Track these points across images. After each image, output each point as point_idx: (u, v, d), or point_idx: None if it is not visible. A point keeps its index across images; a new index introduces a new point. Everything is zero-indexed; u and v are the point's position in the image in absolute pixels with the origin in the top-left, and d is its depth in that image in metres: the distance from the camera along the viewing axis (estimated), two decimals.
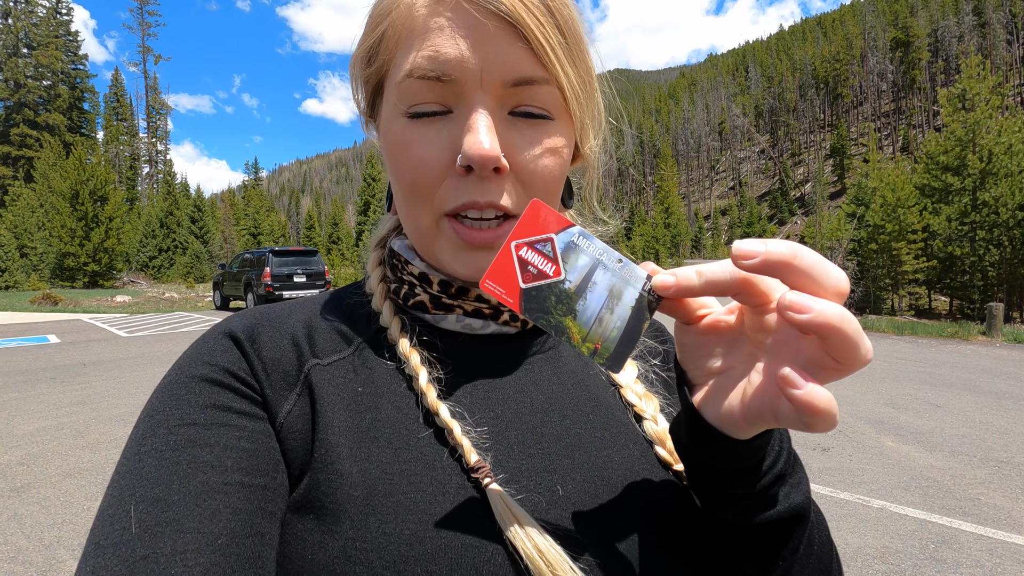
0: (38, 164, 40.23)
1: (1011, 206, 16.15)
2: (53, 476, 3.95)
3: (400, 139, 0.43)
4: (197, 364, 0.41)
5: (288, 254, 15.22)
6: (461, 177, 0.41)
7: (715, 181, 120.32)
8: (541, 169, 0.43)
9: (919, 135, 78.13)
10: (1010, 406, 5.66)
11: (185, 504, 0.34)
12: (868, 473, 3.97)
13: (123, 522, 0.34)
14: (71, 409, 5.66)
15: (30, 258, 30.23)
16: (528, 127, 0.43)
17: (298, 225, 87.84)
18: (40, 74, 49.53)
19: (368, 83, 0.48)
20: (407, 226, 0.46)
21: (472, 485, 0.39)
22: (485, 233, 0.43)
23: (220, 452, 0.37)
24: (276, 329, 0.45)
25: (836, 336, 0.27)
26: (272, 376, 0.42)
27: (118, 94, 56.75)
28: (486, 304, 0.47)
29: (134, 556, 0.32)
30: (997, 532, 3.10)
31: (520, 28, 0.40)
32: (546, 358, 0.50)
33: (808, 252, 0.29)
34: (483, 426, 0.43)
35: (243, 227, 42.77)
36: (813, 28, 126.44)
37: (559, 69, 0.41)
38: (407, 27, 0.42)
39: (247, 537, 0.35)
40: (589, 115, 0.46)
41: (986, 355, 8.70)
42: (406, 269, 0.48)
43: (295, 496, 0.39)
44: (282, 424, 0.41)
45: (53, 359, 8.61)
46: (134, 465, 0.37)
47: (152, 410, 0.40)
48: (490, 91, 0.41)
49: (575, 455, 0.44)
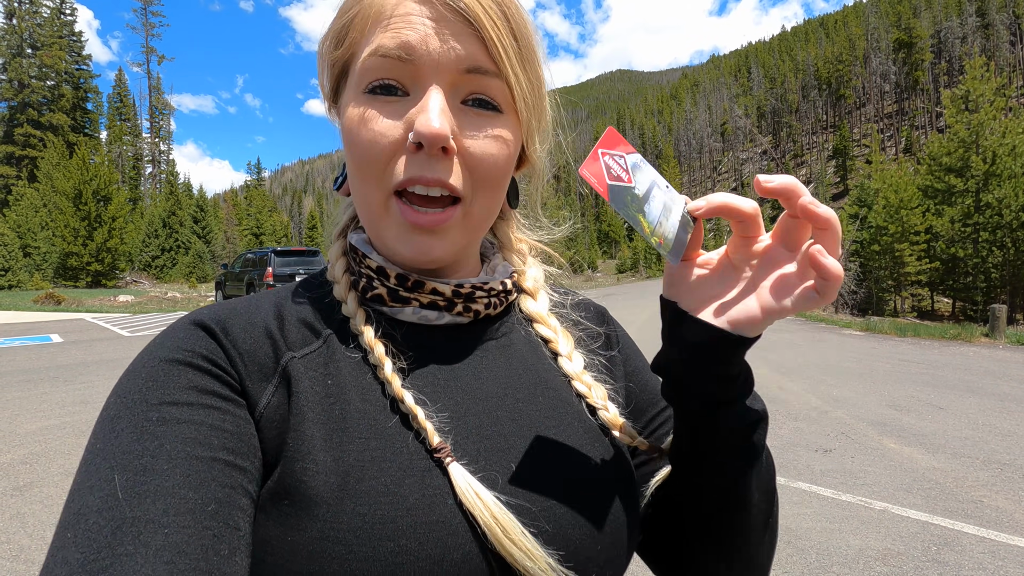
0: (42, 164, 40.36)
1: (1015, 207, 16.11)
2: (56, 475, 3.96)
3: (358, 114, 0.45)
4: (171, 350, 0.42)
5: (290, 254, 15.24)
6: (412, 154, 0.44)
7: (717, 182, 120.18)
8: (487, 155, 0.46)
9: (922, 136, 77.97)
10: (1013, 408, 5.64)
11: (172, 473, 0.35)
12: (870, 475, 3.96)
13: (106, 489, 0.34)
14: (74, 408, 5.68)
15: (33, 258, 30.33)
16: (477, 116, 0.46)
17: (300, 225, 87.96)
18: (44, 74, 49.70)
19: (334, 67, 0.50)
20: (358, 203, 0.48)
21: (436, 465, 0.42)
22: (430, 216, 0.45)
23: (206, 431, 0.38)
24: (247, 321, 0.46)
25: (831, 229, 0.38)
26: (249, 367, 0.43)
27: (121, 94, 56.92)
28: (440, 296, 0.50)
29: (122, 517, 0.33)
30: (1000, 534, 3.09)
31: (477, 26, 0.44)
32: (498, 346, 0.53)
33: (802, 186, 0.39)
34: (444, 412, 0.46)
35: (245, 227, 42.86)
36: (816, 29, 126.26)
37: (509, 67, 0.45)
38: (376, 13, 0.45)
39: (232, 509, 0.36)
40: (536, 118, 0.50)
41: (989, 357, 8.67)
42: (364, 263, 0.50)
43: (269, 485, 0.40)
44: (261, 415, 0.42)
45: (56, 358, 8.63)
46: (111, 440, 0.37)
47: (125, 390, 0.40)
48: (445, 76, 0.44)
49: (527, 435, 0.48)
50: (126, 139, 56.18)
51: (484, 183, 0.46)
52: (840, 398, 6.09)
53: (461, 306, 0.50)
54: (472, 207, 0.47)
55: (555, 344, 0.56)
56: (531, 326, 0.57)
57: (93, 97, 54.87)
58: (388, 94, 0.45)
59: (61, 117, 49.23)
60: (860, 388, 6.56)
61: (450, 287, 0.50)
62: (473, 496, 0.41)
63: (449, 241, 0.47)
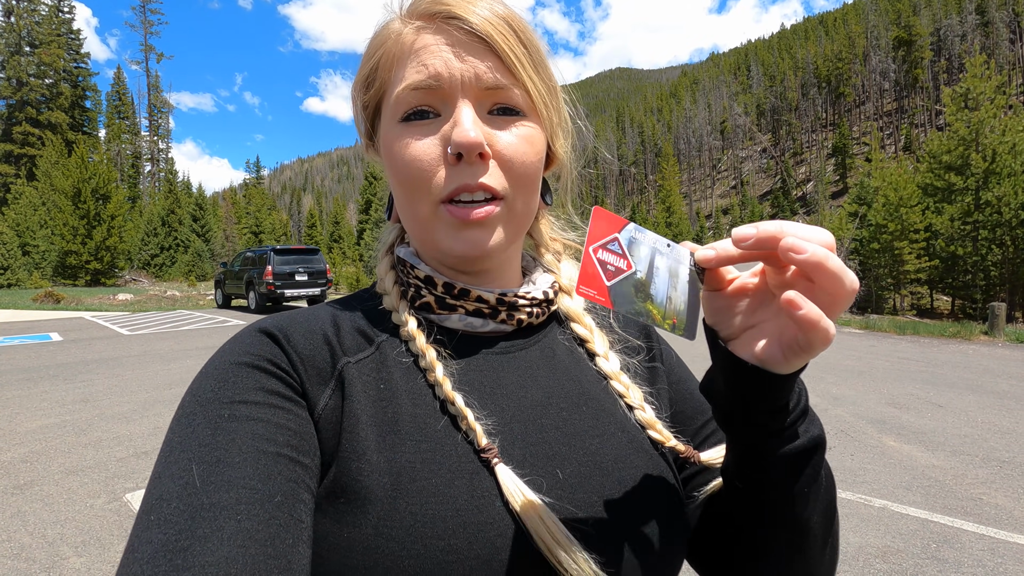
0: (40, 162, 40.28)
1: (1014, 205, 16.11)
2: (56, 473, 3.96)
3: (398, 141, 0.49)
4: (240, 354, 0.45)
5: (290, 252, 15.22)
6: (453, 166, 0.48)
7: (717, 180, 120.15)
8: (519, 154, 0.49)
9: (921, 134, 77.95)
10: (1012, 406, 5.65)
11: (244, 465, 0.38)
12: (870, 472, 3.97)
13: (185, 478, 0.37)
14: (73, 407, 5.68)
15: (32, 256, 30.28)
16: (504, 121, 0.49)
17: (299, 224, 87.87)
18: (42, 72, 49.57)
19: (368, 108, 0.55)
20: (407, 220, 0.52)
21: (484, 466, 0.45)
22: (478, 210, 0.48)
23: (272, 428, 0.41)
24: (307, 329, 0.49)
25: (822, 270, 0.34)
26: (309, 371, 0.46)
27: (120, 92, 56.78)
28: (485, 304, 0.52)
29: (200, 504, 0.36)
30: (999, 532, 3.09)
31: (491, 44, 0.48)
32: (542, 355, 0.55)
33: (790, 224, 0.36)
34: (492, 417, 0.48)
35: (245, 225, 42.80)
36: (815, 27, 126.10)
37: (525, 75, 0.49)
38: (398, 52, 0.50)
39: (296, 502, 0.39)
40: (556, 116, 0.54)
41: (988, 355, 8.68)
42: (412, 273, 0.54)
43: (325, 483, 0.43)
44: (319, 416, 0.45)
45: (56, 357, 8.63)
46: (188, 434, 0.40)
47: (200, 389, 0.43)
48: (470, 94, 0.48)
49: (571, 443, 0.49)
50: (125, 137, 56.05)
51: (520, 180, 0.50)
52: (840, 396, 6.10)
53: (505, 314, 0.53)
54: (514, 203, 0.50)
55: (591, 344, 0.58)
56: (568, 325, 0.60)
57: (92, 95, 54.74)
58: (422, 118, 0.49)
59: (60, 115, 49.12)
60: (859, 386, 6.57)
61: (494, 295, 0.53)
62: (521, 498, 0.43)
63: (497, 233, 0.50)
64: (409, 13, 0.50)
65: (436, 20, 0.49)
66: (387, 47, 0.51)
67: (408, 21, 0.50)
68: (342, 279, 26.49)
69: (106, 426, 5.04)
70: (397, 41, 0.50)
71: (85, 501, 3.52)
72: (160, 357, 8.57)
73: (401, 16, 0.51)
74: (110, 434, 4.81)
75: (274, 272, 14.57)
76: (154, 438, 4.71)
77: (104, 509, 3.41)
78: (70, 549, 2.94)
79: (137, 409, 5.59)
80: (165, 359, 8.40)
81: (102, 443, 4.59)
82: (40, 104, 49.37)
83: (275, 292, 14.60)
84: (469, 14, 0.47)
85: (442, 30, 0.48)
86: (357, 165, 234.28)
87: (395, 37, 0.50)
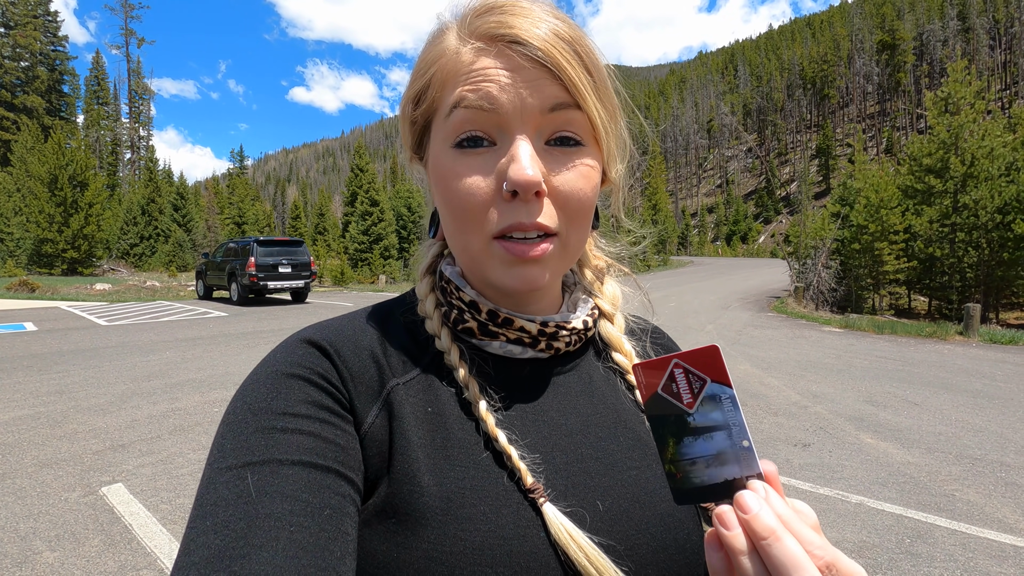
0: (15, 147, 39.17)
1: (990, 209, 16.46)
2: (29, 466, 3.88)
3: (450, 169, 0.47)
4: (290, 365, 0.45)
5: (273, 244, 15.03)
6: (507, 202, 0.46)
7: (702, 179, 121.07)
8: (576, 191, 0.48)
9: (903, 137, 79.26)
10: (985, 404, 5.79)
11: (296, 477, 0.39)
12: (847, 469, 4.04)
13: (240, 486, 0.38)
14: (48, 398, 5.56)
15: (6, 244, 29.52)
16: (562, 154, 0.47)
17: (284, 215, 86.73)
18: (18, 55, 48.19)
19: (416, 124, 0.53)
20: (457, 250, 0.51)
21: (529, 503, 0.45)
22: (533, 248, 0.47)
23: (321, 442, 0.42)
24: (356, 344, 0.49)
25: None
26: (359, 387, 0.47)
27: (99, 77, 55.44)
28: (527, 334, 0.52)
29: (255, 512, 0.37)
30: (971, 527, 3.17)
31: (555, 70, 0.45)
32: (579, 382, 0.55)
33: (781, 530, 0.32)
34: (534, 447, 0.48)
35: (227, 216, 42.13)
36: (802, 28, 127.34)
37: (588, 105, 0.47)
38: (453, 70, 0.48)
39: (343, 516, 0.40)
40: (615, 143, 0.52)
41: (963, 355, 8.88)
42: (457, 295, 0.53)
43: (374, 501, 0.44)
44: (365, 433, 0.45)
45: (30, 347, 8.43)
46: (241, 441, 0.41)
47: (250, 397, 0.44)
48: (529, 121, 0.46)
49: (611, 474, 0.50)
50: (104, 124, 54.72)
51: (575, 216, 0.48)
52: (819, 393, 6.20)
53: (544, 343, 0.53)
54: (568, 239, 0.49)
55: (630, 376, 0.57)
56: (608, 352, 0.59)
57: (69, 79, 53.39)
58: (476, 146, 0.47)
59: (36, 99, 47.84)
60: (838, 384, 6.68)
61: (536, 325, 0.52)
62: (567, 535, 0.43)
63: (551, 270, 0.49)
64: (469, 32, 0.48)
65: (498, 43, 0.46)
66: (442, 64, 0.48)
67: (467, 40, 0.47)
68: (326, 271, 26.22)
69: (82, 418, 4.94)
70: (455, 60, 0.47)
71: (59, 495, 3.44)
72: (139, 348, 8.42)
73: (459, 33, 0.48)
74: (86, 426, 4.72)
75: (257, 264, 14.38)
76: (131, 431, 4.62)
77: (79, 503, 3.34)
78: (43, 544, 2.87)
79: (114, 401, 5.49)
80: (144, 351, 8.25)
81: (77, 435, 4.49)
82: (15, 87, 48.03)
83: (258, 284, 14.42)
84: (534, 39, 0.45)
85: (504, 54, 0.46)
86: (343, 157, 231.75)
87: (452, 56, 0.48)
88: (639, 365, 0.38)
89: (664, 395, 0.38)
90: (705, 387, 0.37)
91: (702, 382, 0.37)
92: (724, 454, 0.36)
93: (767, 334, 10.86)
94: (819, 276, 18.34)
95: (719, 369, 0.36)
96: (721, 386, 0.36)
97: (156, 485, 3.61)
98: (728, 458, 0.36)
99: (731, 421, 0.36)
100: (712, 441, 0.36)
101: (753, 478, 0.35)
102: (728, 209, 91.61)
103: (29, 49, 48.30)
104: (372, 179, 33.91)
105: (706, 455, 0.37)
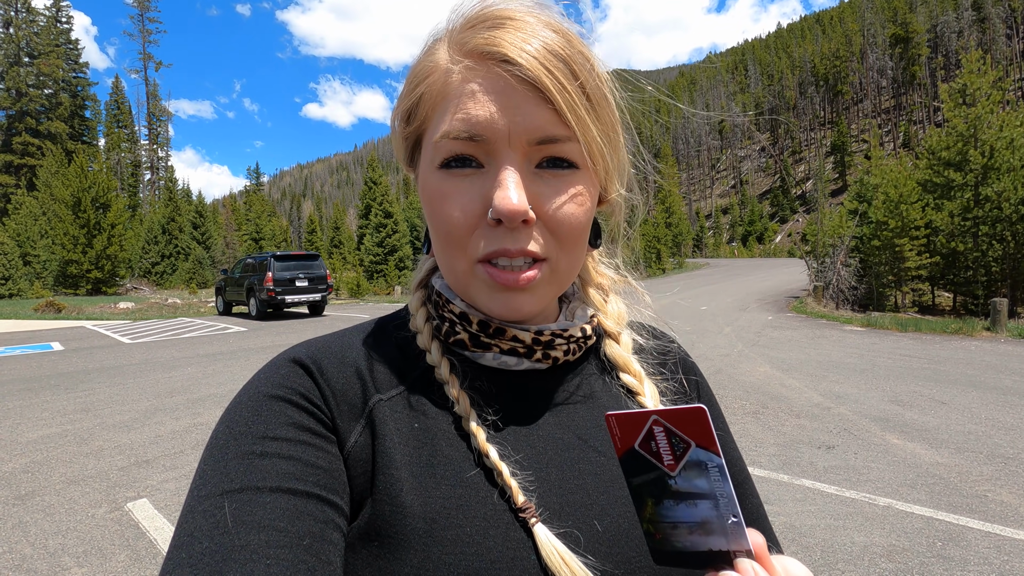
0: (40, 172, 40.37)
1: (1013, 201, 16.07)
2: (57, 483, 3.95)
3: (437, 190, 0.46)
4: (272, 386, 0.44)
5: (290, 259, 15.23)
6: (492, 227, 0.44)
7: (716, 180, 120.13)
8: (567, 217, 0.46)
9: (920, 131, 77.95)
10: (1015, 402, 5.63)
11: (274, 506, 0.38)
12: (874, 471, 3.95)
13: (217, 516, 0.37)
14: (75, 416, 5.67)
15: (33, 266, 30.32)
16: (553, 177, 0.45)
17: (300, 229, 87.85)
18: (41, 83, 49.74)
19: (408, 139, 0.52)
20: (444, 270, 0.49)
21: (519, 524, 0.43)
22: (517, 275, 0.45)
23: (302, 467, 0.41)
24: (340, 361, 0.48)
25: None
26: (341, 406, 0.45)
27: (119, 101, 56.92)
28: (521, 344, 0.50)
29: (231, 545, 0.36)
30: (1005, 529, 3.08)
31: (545, 93, 0.43)
32: (578, 393, 0.53)
33: None
34: (526, 463, 0.46)
35: (245, 232, 42.82)
36: (812, 25, 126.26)
37: (581, 128, 0.44)
38: (442, 91, 0.46)
39: (325, 543, 0.39)
40: (614, 164, 0.49)
41: (991, 351, 8.65)
42: (447, 307, 0.51)
43: (358, 523, 0.42)
44: (349, 452, 0.44)
45: (57, 366, 8.63)
46: (220, 468, 0.40)
47: (232, 421, 0.43)
48: (518, 148, 0.44)
49: (609, 491, 0.47)
50: (124, 146, 56.15)
51: (567, 241, 0.47)
52: (842, 394, 6.08)
53: (540, 353, 0.51)
54: (558, 264, 0.47)
55: (642, 398, 0.54)
56: (615, 373, 0.56)
57: (91, 104, 54.92)
58: (463, 166, 0.45)
59: (59, 125, 49.28)
60: (862, 384, 6.55)
61: (530, 334, 0.50)
62: (559, 559, 0.41)
63: (539, 296, 0.47)
64: (459, 49, 0.46)
65: (487, 62, 0.44)
66: (431, 83, 0.47)
67: (457, 59, 0.45)
68: (343, 284, 26.48)
69: (107, 435, 5.03)
70: (444, 79, 0.46)
71: (86, 511, 3.51)
72: (161, 365, 8.57)
73: (450, 48, 0.47)
74: (111, 443, 4.80)
75: (274, 278, 14.58)
76: (155, 447, 4.70)
77: (106, 519, 3.40)
78: (71, 560, 2.93)
79: (138, 418, 5.59)
80: (166, 367, 8.39)
81: (103, 452, 4.58)
82: (40, 114, 49.53)
83: (276, 298, 14.60)
84: (523, 59, 0.42)
85: (492, 73, 0.43)
86: (356, 170, 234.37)
87: (441, 75, 0.46)
88: (613, 415, 0.35)
89: (641, 452, 0.35)
90: (689, 451, 0.34)
91: (686, 445, 0.34)
92: (709, 523, 0.34)
93: (787, 335, 10.70)
94: (838, 274, 18.04)
95: (706, 434, 0.33)
96: (708, 452, 0.33)
97: (180, 500, 3.66)
98: (714, 528, 0.34)
99: (718, 492, 0.33)
100: (696, 508, 0.34)
101: (742, 555, 0.34)
102: (743, 209, 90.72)
103: (52, 77, 49.83)
104: (385, 191, 34.25)
105: (689, 521, 0.34)
